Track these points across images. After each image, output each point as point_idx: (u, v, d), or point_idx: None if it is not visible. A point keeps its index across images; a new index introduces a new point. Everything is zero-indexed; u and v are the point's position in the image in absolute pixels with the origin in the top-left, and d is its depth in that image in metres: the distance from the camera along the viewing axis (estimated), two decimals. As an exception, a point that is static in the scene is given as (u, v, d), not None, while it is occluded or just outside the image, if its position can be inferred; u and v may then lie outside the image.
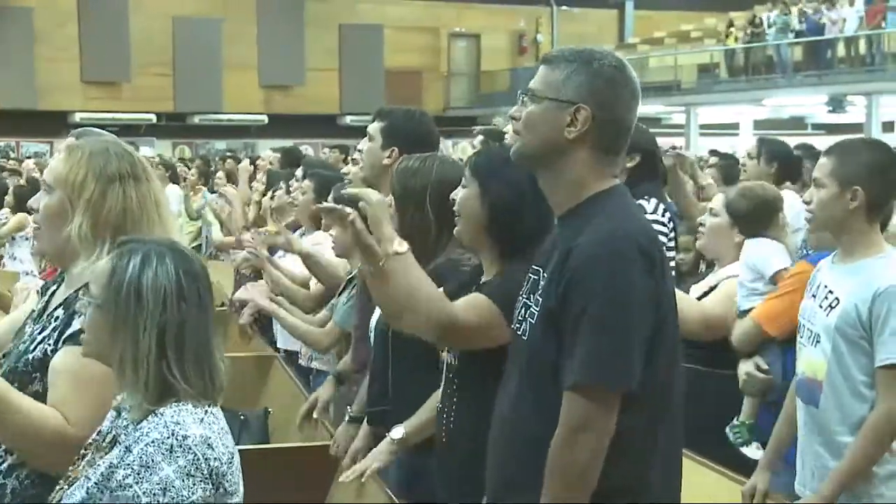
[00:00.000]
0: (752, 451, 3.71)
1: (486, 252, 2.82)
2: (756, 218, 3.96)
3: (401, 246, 2.53)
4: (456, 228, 2.84)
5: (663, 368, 2.25)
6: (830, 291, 3.08)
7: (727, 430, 3.83)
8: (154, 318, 2.04)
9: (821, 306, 3.11)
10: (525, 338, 2.33)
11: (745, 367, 3.79)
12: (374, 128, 3.75)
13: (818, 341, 3.09)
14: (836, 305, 3.04)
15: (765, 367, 3.75)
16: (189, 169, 11.95)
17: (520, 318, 2.36)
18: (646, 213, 4.14)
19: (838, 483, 3.00)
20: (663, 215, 4.58)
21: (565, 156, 2.30)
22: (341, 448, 3.70)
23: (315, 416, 4.22)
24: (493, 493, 2.44)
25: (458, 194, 2.83)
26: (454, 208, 2.83)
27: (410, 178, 3.15)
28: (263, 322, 5.85)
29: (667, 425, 2.30)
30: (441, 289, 2.72)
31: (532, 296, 2.33)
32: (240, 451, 2.14)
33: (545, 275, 2.29)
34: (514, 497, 2.34)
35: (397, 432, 3.18)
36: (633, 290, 2.17)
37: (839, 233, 3.13)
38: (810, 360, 3.13)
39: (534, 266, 2.38)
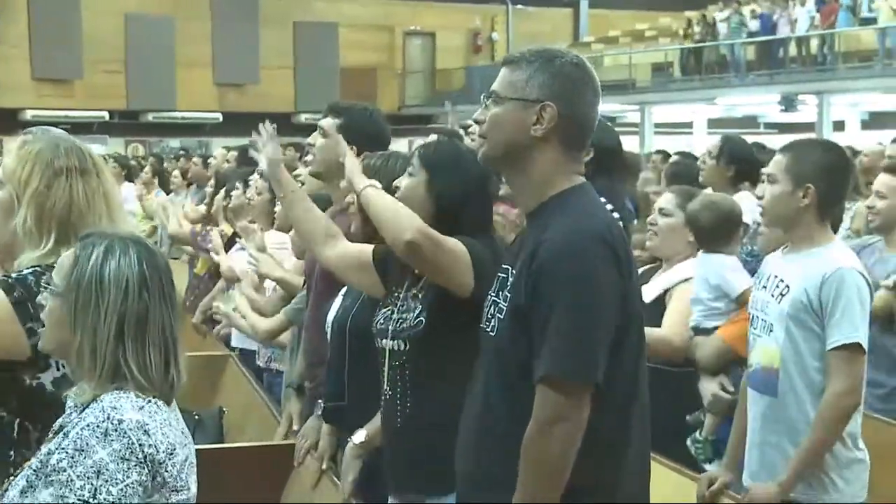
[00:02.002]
0: (714, 468, 3.71)
1: None
2: (718, 233, 3.92)
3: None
4: None
5: (630, 364, 2.29)
6: (781, 280, 3.15)
7: (689, 442, 3.83)
8: (115, 306, 2.04)
9: (772, 295, 3.16)
10: (493, 334, 2.35)
11: (711, 388, 3.79)
12: (329, 124, 3.69)
13: (771, 330, 3.15)
14: (787, 293, 3.10)
15: (730, 388, 3.75)
16: (142, 167, 11.85)
17: (489, 315, 2.38)
18: None
19: (795, 470, 3.04)
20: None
21: (532, 155, 2.33)
22: (310, 442, 3.69)
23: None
24: (463, 488, 2.45)
25: (403, 182, 2.90)
26: (396, 195, 2.88)
27: (374, 175, 3.16)
28: (217, 321, 5.83)
29: (635, 422, 2.32)
30: None
31: (501, 293, 2.35)
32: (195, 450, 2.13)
33: (514, 272, 2.31)
34: (485, 493, 2.36)
35: (359, 436, 3.19)
36: (599, 284, 2.20)
37: (790, 228, 3.19)
38: (765, 350, 3.18)
39: (503, 265, 2.40)
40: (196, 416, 4.65)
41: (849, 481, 3.10)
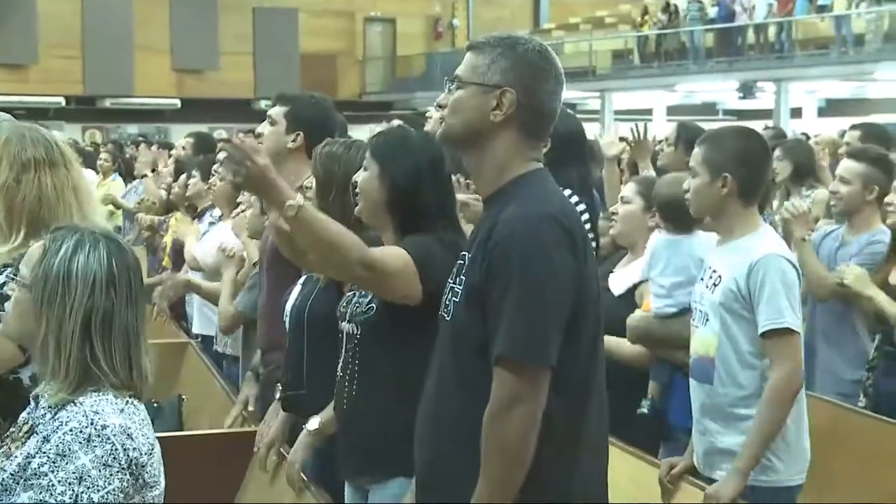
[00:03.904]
0: (666, 451, 3.74)
1: (386, 230, 2.89)
2: (686, 207, 3.69)
3: (299, 198, 2.61)
4: (357, 207, 2.91)
5: (587, 348, 2.30)
6: (714, 271, 3.22)
7: (639, 413, 3.84)
8: (81, 301, 2.03)
9: (707, 286, 3.23)
10: (449, 318, 2.36)
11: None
12: (277, 112, 3.79)
13: (707, 320, 3.21)
14: (720, 283, 3.17)
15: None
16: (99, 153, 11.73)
17: (446, 301, 2.39)
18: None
19: (751, 455, 3.08)
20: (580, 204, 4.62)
21: (490, 138, 2.34)
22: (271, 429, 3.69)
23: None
24: (421, 471, 2.46)
25: (360, 176, 2.91)
26: (356, 189, 2.89)
27: (334, 163, 3.18)
28: (179, 309, 5.80)
29: (592, 405, 2.34)
30: None
31: (457, 278, 2.36)
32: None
33: (469, 256, 2.33)
34: (443, 477, 2.37)
35: (312, 423, 3.20)
36: (553, 266, 2.21)
37: (716, 217, 3.26)
38: (702, 339, 3.24)
39: (462, 252, 2.41)
40: (155, 404, 4.61)
41: (787, 462, 3.15)
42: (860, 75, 21.54)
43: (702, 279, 3.29)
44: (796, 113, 23.03)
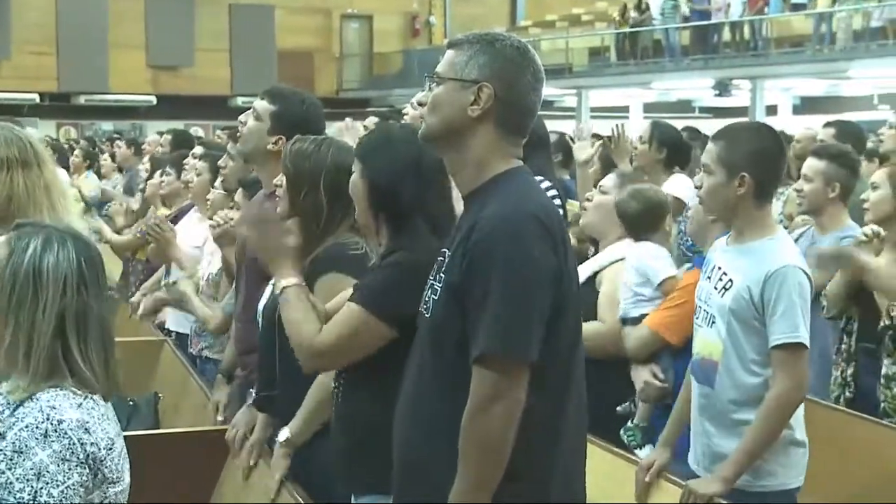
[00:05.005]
0: (646, 454, 3.75)
1: (378, 232, 2.85)
2: (644, 221, 3.95)
3: (290, 279, 2.81)
4: (356, 213, 2.89)
5: (566, 346, 2.30)
6: (725, 273, 3.14)
7: (621, 432, 3.87)
8: (54, 301, 2.02)
9: (715, 288, 3.16)
10: (428, 315, 2.36)
11: (643, 376, 3.83)
12: (264, 109, 3.69)
13: (713, 322, 3.15)
14: (731, 287, 3.10)
15: (661, 375, 3.79)
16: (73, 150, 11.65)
17: (426, 299, 2.39)
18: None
19: (740, 463, 3.05)
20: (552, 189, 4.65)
21: (469, 135, 2.35)
22: (240, 432, 3.67)
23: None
24: (399, 469, 2.45)
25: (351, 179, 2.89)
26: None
27: (304, 161, 3.15)
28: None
29: (571, 403, 2.34)
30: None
31: (437, 275, 2.36)
32: (130, 436, 2.13)
33: (449, 253, 2.33)
34: (420, 473, 2.37)
35: (283, 435, 3.19)
36: (534, 263, 2.21)
37: (730, 218, 3.19)
38: (706, 341, 3.19)
39: (442, 249, 2.40)
40: (131, 402, 4.60)
41: (786, 466, 3.13)
42: (835, 73, 21.65)
43: (708, 278, 3.22)
44: (772, 110, 23.13)
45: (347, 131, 4.85)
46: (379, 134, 2.99)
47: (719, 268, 3.18)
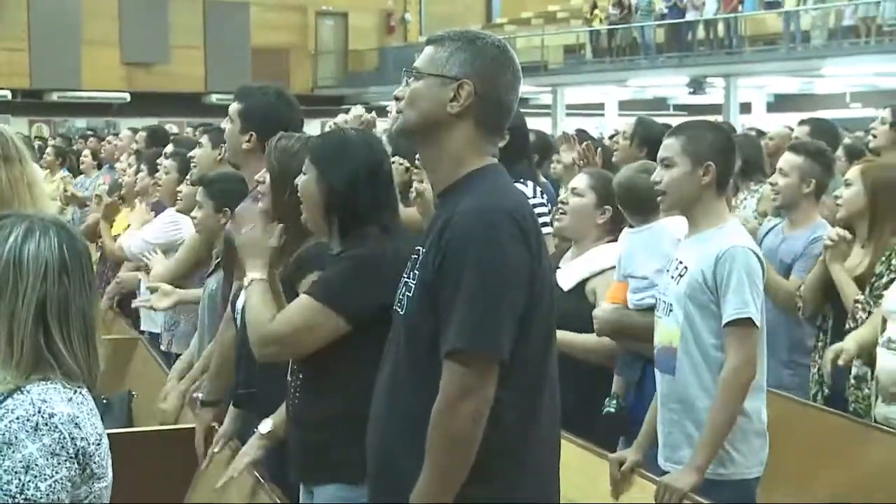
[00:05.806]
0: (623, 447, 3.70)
1: (330, 235, 2.89)
2: (654, 196, 3.48)
3: (260, 274, 2.91)
4: (303, 216, 2.92)
5: (539, 343, 2.30)
6: (680, 262, 3.24)
7: (605, 401, 3.79)
8: (34, 289, 2.00)
9: (672, 277, 3.25)
10: (402, 312, 2.36)
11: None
12: (233, 109, 3.68)
13: (671, 310, 3.22)
14: (685, 273, 3.19)
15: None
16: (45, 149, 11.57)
17: (400, 296, 2.39)
18: (528, 197, 4.09)
19: (706, 447, 3.09)
20: (542, 196, 4.66)
21: (447, 131, 2.34)
22: (199, 435, 3.68)
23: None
24: (373, 466, 2.45)
25: (300, 181, 2.90)
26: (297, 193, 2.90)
27: (290, 159, 3.12)
28: (126, 305, 5.75)
29: (544, 400, 2.34)
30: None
31: (411, 273, 2.35)
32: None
33: (423, 251, 2.32)
34: (395, 469, 2.36)
35: (265, 426, 3.18)
36: (507, 260, 2.21)
37: (691, 208, 3.27)
38: (666, 330, 3.26)
39: (416, 247, 2.40)
40: (105, 400, 4.57)
41: (745, 454, 3.17)
42: (808, 71, 21.81)
43: (667, 271, 3.31)
44: (746, 108, 23.29)
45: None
46: (335, 138, 3.00)
47: (677, 259, 3.28)
